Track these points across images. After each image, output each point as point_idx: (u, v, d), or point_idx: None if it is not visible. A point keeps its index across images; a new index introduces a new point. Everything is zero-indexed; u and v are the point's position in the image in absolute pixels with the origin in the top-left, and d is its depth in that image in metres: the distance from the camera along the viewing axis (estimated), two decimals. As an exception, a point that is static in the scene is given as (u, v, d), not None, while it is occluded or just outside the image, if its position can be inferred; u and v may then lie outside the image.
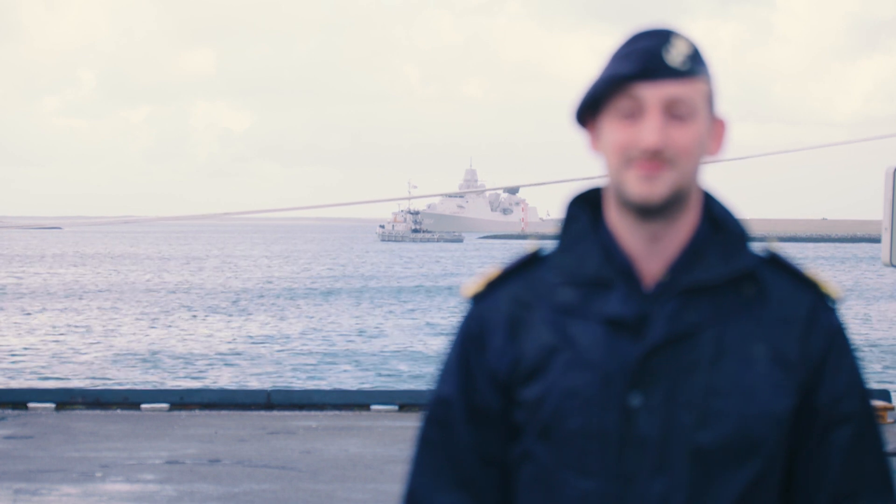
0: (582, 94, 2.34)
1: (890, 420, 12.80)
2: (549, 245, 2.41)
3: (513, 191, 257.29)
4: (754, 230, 2.40)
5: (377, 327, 44.37)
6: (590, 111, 2.34)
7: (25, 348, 35.91)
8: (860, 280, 79.41)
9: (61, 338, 39.48)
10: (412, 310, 53.58)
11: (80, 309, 52.32)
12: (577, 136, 2.42)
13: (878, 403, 12.80)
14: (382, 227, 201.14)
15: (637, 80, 2.27)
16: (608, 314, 2.29)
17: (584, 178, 17.46)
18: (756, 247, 2.37)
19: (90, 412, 13.10)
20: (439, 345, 37.99)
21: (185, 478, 10.07)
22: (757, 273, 2.33)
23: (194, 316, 49.01)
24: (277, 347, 37.11)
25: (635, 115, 2.27)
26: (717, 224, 2.34)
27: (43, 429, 12.12)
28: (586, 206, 2.38)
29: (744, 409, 2.26)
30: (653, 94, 2.26)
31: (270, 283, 75.10)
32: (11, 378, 28.40)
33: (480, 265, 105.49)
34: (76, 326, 43.69)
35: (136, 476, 10.11)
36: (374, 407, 13.37)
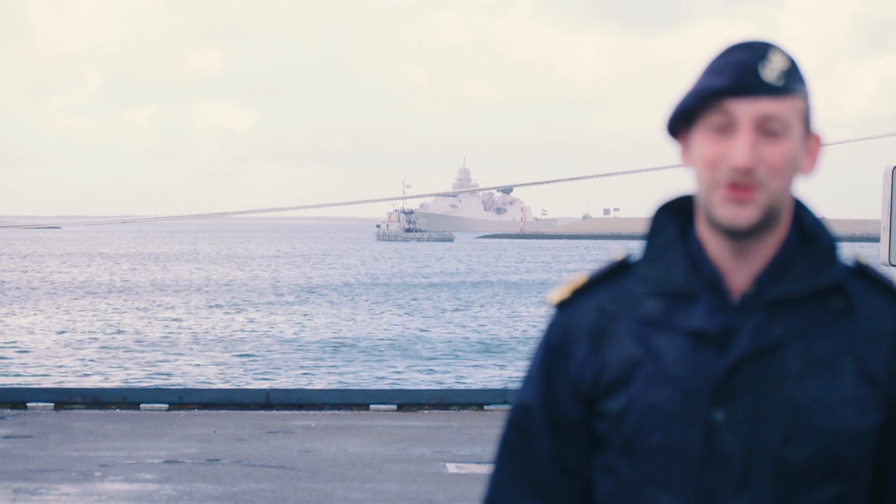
0: (673, 106, 2.27)
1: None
2: (637, 253, 2.36)
3: (507, 190, 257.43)
4: None
5: (375, 326, 44.35)
6: (682, 123, 2.28)
7: (24, 347, 35.89)
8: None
9: (60, 337, 39.46)
10: (410, 309, 53.57)
11: (80, 308, 52.29)
12: (577, 137, 2.39)
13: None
14: (378, 226, 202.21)
15: (730, 95, 2.20)
16: (693, 327, 2.24)
17: (578, 178, 17.47)
18: (845, 258, 2.31)
19: (89, 412, 13.10)
20: (438, 344, 37.99)
21: (183, 477, 10.07)
22: (845, 285, 2.27)
23: (193, 315, 48.99)
24: (276, 347, 37.09)
25: (727, 130, 2.20)
26: (807, 235, 2.28)
27: (42, 428, 12.12)
28: (674, 215, 2.33)
29: (829, 425, 2.21)
30: (746, 110, 2.19)
31: (268, 282, 75.08)
32: (11, 377, 28.39)
33: (469, 263, 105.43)
34: (75, 325, 43.66)
35: (134, 475, 10.11)
36: (372, 406, 13.38)
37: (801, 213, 2.30)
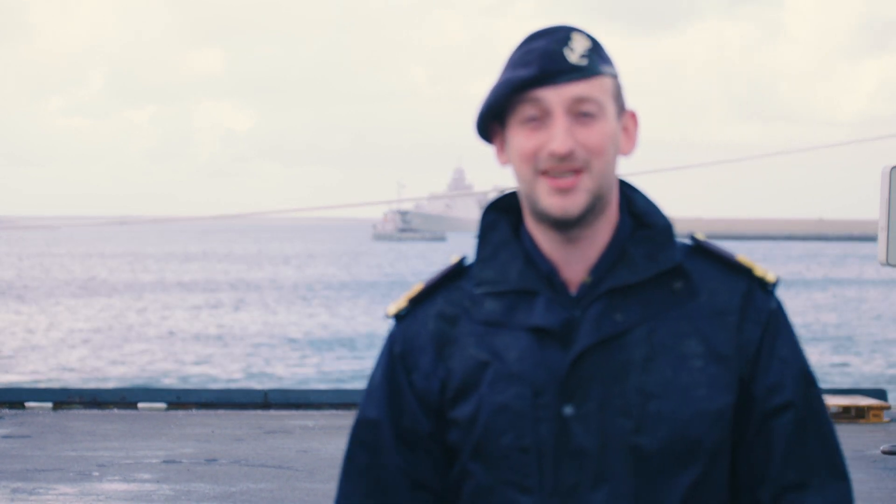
0: (481, 105, 2.21)
1: (886, 419, 12.80)
2: (472, 256, 2.32)
3: (502, 191, 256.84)
4: (750, 230, 2.32)
5: (373, 325, 44.35)
6: (494, 122, 2.24)
7: (23, 347, 35.89)
8: (859, 278, 79.42)
9: (59, 337, 39.46)
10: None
11: (78, 307, 52.30)
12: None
13: (873, 402, 12.80)
14: (374, 226, 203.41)
15: (538, 84, 2.16)
16: (534, 324, 2.20)
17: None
18: (681, 237, 2.28)
19: (87, 411, 13.10)
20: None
21: (181, 477, 10.07)
22: (685, 266, 2.23)
23: (191, 315, 48.99)
24: (274, 347, 37.10)
25: (540, 119, 2.16)
26: (640, 219, 2.25)
27: (40, 428, 12.12)
28: (504, 214, 2.29)
29: (681, 410, 2.17)
30: (556, 96, 2.15)
31: (266, 281, 75.08)
32: (9, 376, 28.39)
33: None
34: (74, 325, 43.66)
35: (132, 475, 10.11)
36: (371, 406, 13.37)
37: (631, 197, 2.27)
